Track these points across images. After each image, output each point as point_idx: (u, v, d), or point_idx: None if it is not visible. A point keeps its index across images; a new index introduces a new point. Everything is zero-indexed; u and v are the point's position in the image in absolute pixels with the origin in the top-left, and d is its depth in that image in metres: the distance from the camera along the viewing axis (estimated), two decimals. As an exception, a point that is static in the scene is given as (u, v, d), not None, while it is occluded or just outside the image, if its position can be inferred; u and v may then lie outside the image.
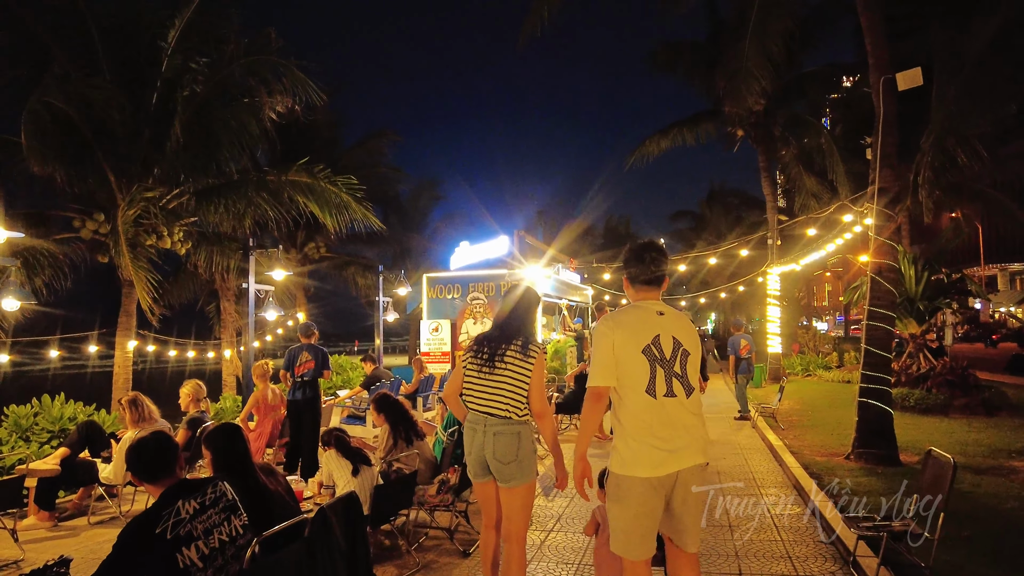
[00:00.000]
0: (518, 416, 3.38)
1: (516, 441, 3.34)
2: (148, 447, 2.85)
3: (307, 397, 7.29)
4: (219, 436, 3.24)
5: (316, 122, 15.06)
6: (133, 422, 5.81)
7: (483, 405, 3.42)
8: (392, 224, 19.03)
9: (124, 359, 9.92)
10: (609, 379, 2.78)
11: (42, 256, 9.14)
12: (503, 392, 3.39)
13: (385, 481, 4.77)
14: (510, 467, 3.32)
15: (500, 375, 3.41)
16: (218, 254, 11.72)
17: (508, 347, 3.46)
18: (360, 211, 9.88)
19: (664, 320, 2.84)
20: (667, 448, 2.70)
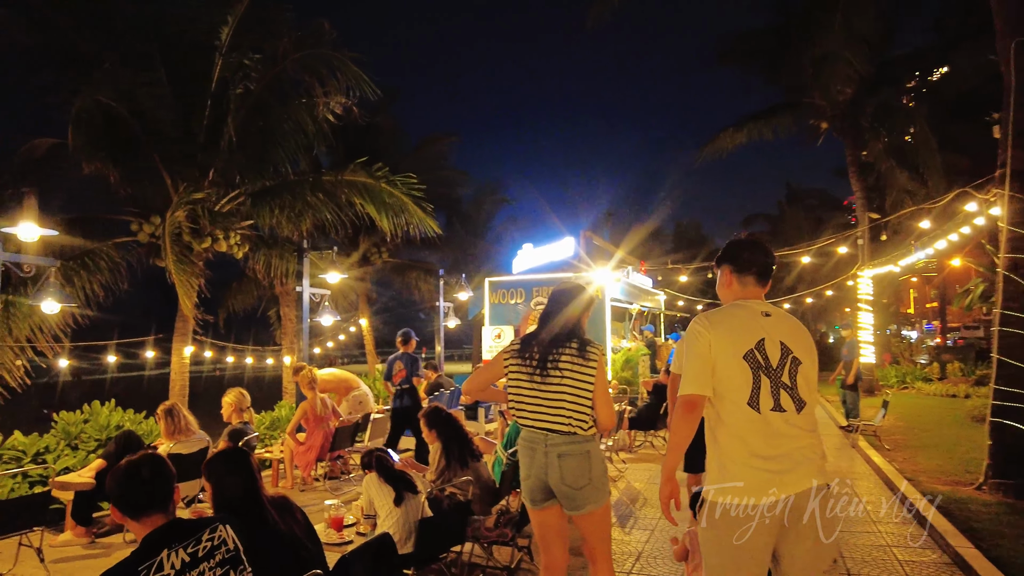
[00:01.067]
0: (584, 431, 2.90)
1: (587, 461, 2.88)
2: (133, 473, 2.27)
3: (406, 405, 7.56)
4: (221, 464, 2.65)
5: (376, 126, 14.74)
6: (169, 434, 5.38)
7: (540, 420, 2.92)
8: (455, 228, 18.56)
9: (180, 365, 9.71)
10: (706, 387, 2.37)
11: (101, 259, 9.02)
12: (564, 403, 2.90)
13: (434, 511, 4.11)
14: (584, 492, 2.87)
15: (557, 383, 2.92)
16: (276, 258, 11.43)
17: (563, 349, 2.95)
18: (417, 213, 9.35)
19: (770, 322, 2.42)
20: (773, 470, 2.29)
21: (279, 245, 11.00)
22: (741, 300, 2.51)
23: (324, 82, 9.45)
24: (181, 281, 7.42)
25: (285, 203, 9.47)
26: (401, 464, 4.95)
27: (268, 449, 7.81)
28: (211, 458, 2.70)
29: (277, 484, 7.37)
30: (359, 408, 8.35)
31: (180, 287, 7.47)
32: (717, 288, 2.69)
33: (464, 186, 18.69)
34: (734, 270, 2.53)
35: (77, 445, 6.64)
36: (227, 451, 2.73)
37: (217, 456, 2.70)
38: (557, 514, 3.00)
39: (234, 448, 2.76)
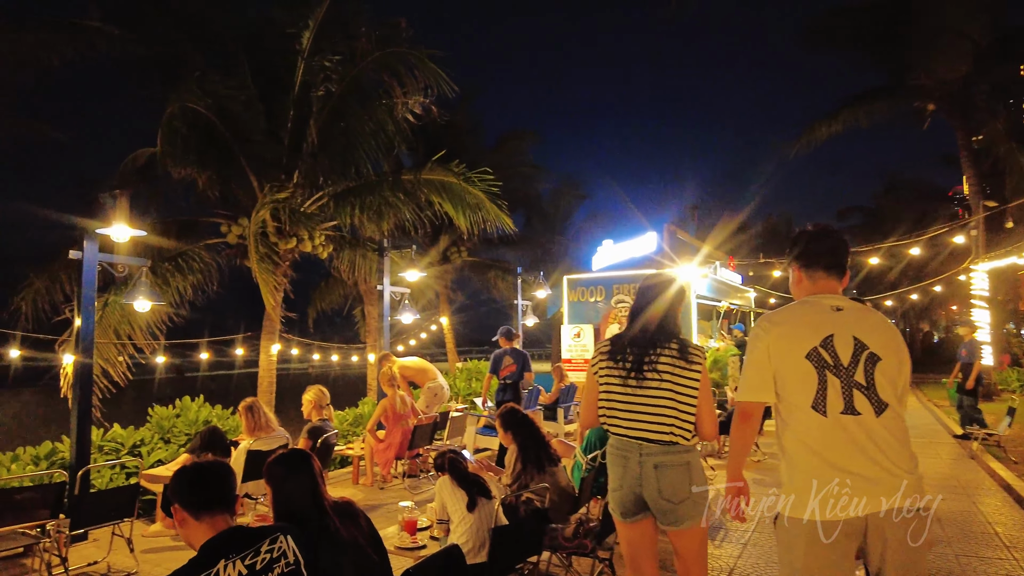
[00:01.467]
0: (686, 440, 2.68)
1: (687, 473, 2.65)
2: (200, 470, 2.19)
3: (508, 399, 7.92)
4: (281, 467, 2.54)
5: (455, 124, 14.75)
6: (249, 430, 5.44)
7: (634, 428, 2.71)
8: (533, 226, 18.38)
9: (268, 362, 9.98)
10: (761, 393, 2.23)
11: (193, 261, 9.39)
12: (663, 410, 2.67)
13: (510, 519, 3.90)
14: (683, 506, 2.64)
15: (655, 388, 2.69)
16: (360, 258, 11.61)
17: (661, 351, 2.71)
18: (493, 210, 9.21)
19: (842, 317, 2.20)
20: (848, 483, 2.05)
21: (361, 245, 11.15)
22: (810, 296, 2.31)
23: (402, 81, 9.47)
24: (264, 280, 7.59)
25: (366, 203, 9.55)
26: (476, 466, 4.79)
27: (349, 446, 7.87)
28: (272, 460, 2.59)
29: (357, 481, 7.41)
30: (435, 401, 8.28)
31: (263, 286, 7.64)
32: (790, 287, 2.46)
33: (542, 182, 18.48)
34: (801, 265, 2.36)
35: (169, 439, 6.89)
36: (288, 453, 2.62)
37: (278, 459, 2.59)
38: (649, 529, 2.78)
39: (296, 450, 2.65)
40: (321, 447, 5.91)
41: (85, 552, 5.10)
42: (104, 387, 8.38)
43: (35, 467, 5.81)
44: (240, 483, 5.27)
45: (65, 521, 4.39)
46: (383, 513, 6.16)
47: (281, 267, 10.10)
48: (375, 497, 6.81)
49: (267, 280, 7.61)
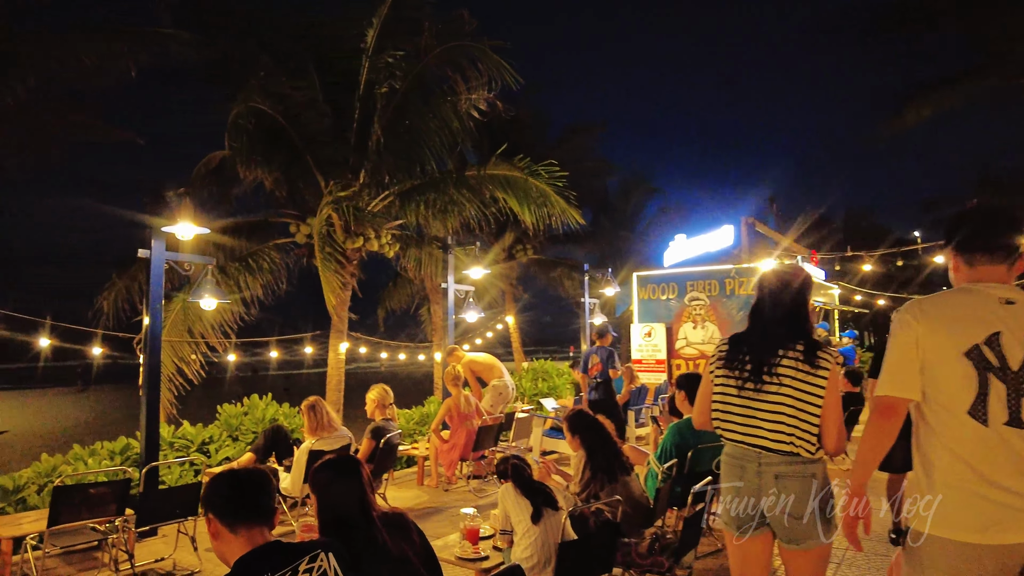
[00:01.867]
0: (810, 452, 2.43)
1: (811, 486, 2.42)
2: (238, 478, 2.01)
3: (600, 397, 8.06)
4: (327, 473, 2.33)
5: (520, 119, 14.50)
6: (311, 430, 5.35)
7: (752, 436, 2.50)
8: (600, 222, 17.91)
9: (336, 361, 10.02)
10: (909, 388, 1.97)
11: (263, 260, 9.52)
12: (783, 418, 2.45)
13: (578, 532, 3.59)
14: (806, 523, 2.41)
15: (775, 394, 2.47)
16: (426, 256, 11.55)
17: (784, 352, 2.46)
18: (560, 203, 8.90)
19: (1012, 312, 1.90)
20: (1014, 505, 1.80)
21: (427, 243, 11.08)
22: (972, 283, 2.01)
23: (466, 75, 9.30)
24: (327, 278, 7.55)
25: (430, 201, 9.44)
26: (542, 470, 4.50)
27: (414, 446, 7.74)
28: (317, 466, 2.39)
29: (422, 482, 7.27)
30: (500, 400, 8.04)
31: (325, 284, 7.61)
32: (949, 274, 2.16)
33: (610, 175, 17.97)
34: (957, 249, 2.07)
35: (237, 436, 6.93)
36: (336, 458, 2.41)
37: (324, 464, 2.38)
38: (764, 546, 2.54)
39: (344, 456, 2.44)
40: (384, 447, 5.77)
41: (153, 548, 5.12)
42: (179, 385, 8.58)
43: (110, 462, 5.92)
44: (302, 483, 5.18)
45: (132, 517, 4.39)
46: (446, 517, 5.97)
47: (348, 266, 10.12)
48: (439, 499, 6.63)
49: (330, 278, 7.58)
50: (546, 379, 11.69)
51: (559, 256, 17.02)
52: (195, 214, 5.38)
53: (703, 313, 11.91)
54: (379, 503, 2.40)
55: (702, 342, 11.98)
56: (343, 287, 10.15)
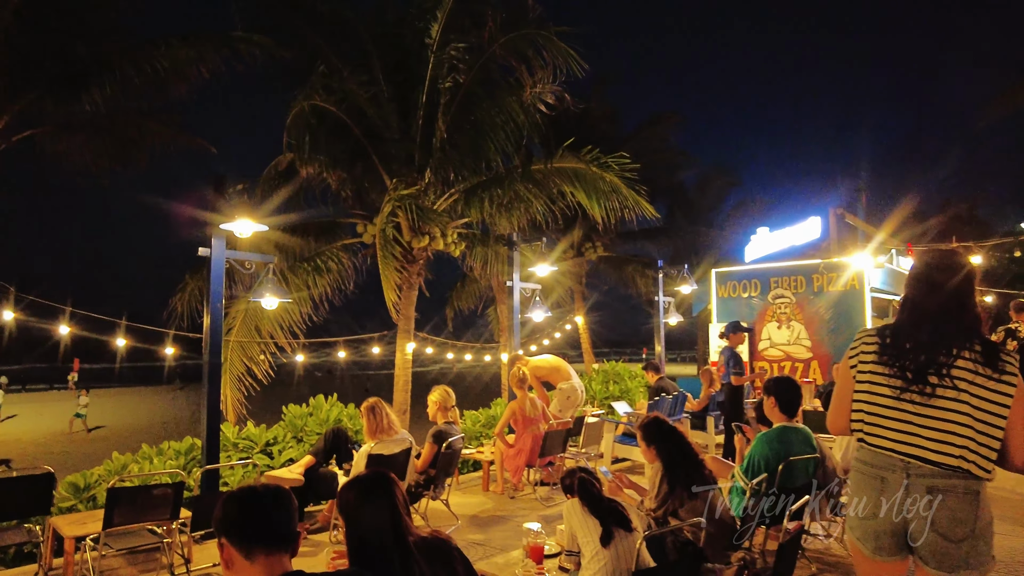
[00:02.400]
0: (984, 470, 2.08)
1: (972, 506, 2.09)
2: (253, 496, 1.73)
3: (720, 401, 8.16)
4: (356, 493, 2.02)
5: (590, 112, 14.07)
6: (371, 432, 5.12)
7: (907, 445, 2.16)
8: (676, 217, 17.20)
9: (403, 361, 9.89)
10: None
11: (331, 261, 9.49)
12: (957, 428, 2.10)
13: (656, 556, 3.17)
14: (962, 547, 2.07)
15: (950, 400, 2.11)
16: (492, 255, 11.29)
17: (958, 353, 2.09)
18: (631, 196, 8.42)
19: None
20: None
21: (494, 241, 10.82)
22: None
23: (531, 65, 8.98)
24: (386, 277, 7.37)
25: (495, 196, 9.17)
26: (613, 483, 4.09)
27: (480, 449, 7.45)
28: (345, 485, 2.09)
29: (487, 488, 6.97)
30: (568, 404, 7.64)
31: (385, 283, 7.44)
32: None
33: (687, 168, 17.19)
34: None
35: (301, 437, 6.82)
36: (365, 476, 2.10)
37: (351, 483, 2.07)
38: (902, 572, 2.25)
39: (376, 472, 2.12)
40: (447, 451, 5.49)
41: (212, 551, 5.01)
42: (248, 385, 8.63)
43: (174, 462, 5.91)
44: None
45: (187, 519, 4.27)
46: (512, 526, 5.63)
47: (415, 265, 9.98)
48: (504, 507, 6.31)
49: (390, 277, 7.40)
50: (618, 382, 11.18)
51: (631, 253, 16.43)
52: (253, 211, 5.26)
53: (788, 312, 11.11)
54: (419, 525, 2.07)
55: (787, 343, 11.18)
56: (409, 287, 10.03)
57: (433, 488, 5.47)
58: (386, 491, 2.00)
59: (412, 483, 5.41)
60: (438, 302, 15.11)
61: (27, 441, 22.23)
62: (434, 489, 5.48)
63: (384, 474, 2.08)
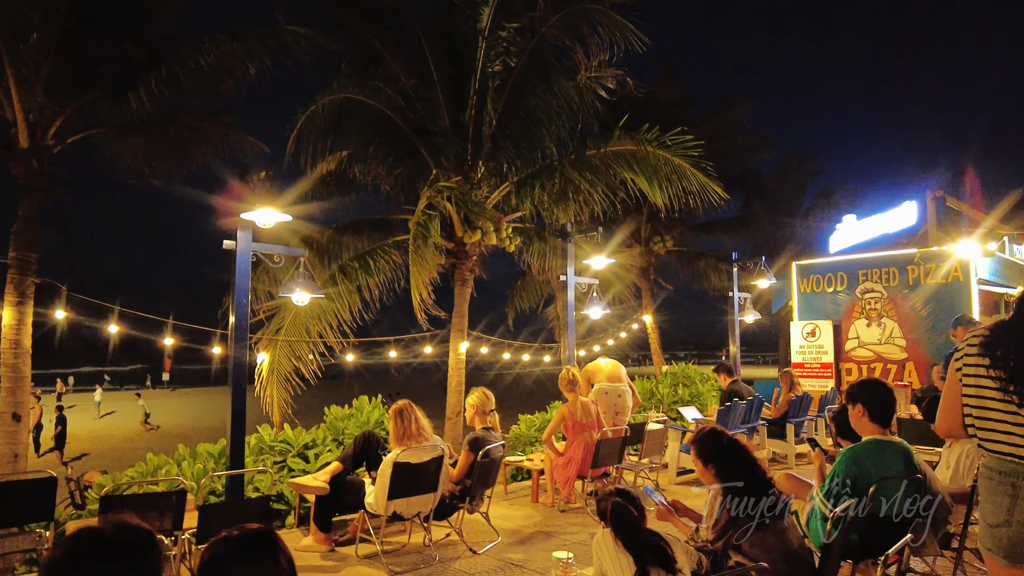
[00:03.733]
0: None
1: None
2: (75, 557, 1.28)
3: None
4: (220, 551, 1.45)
5: (656, 98, 13.24)
6: (397, 439, 4.67)
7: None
8: (753, 207, 16.04)
9: (457, 361, 9.48)
10: None
11: (380, 259, 9.19)
12: None
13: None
14: None
15: None
16: (550, 251, 10.73)
17: None
18: (696, 177, 7.67)
19: None
20: None
21: (549, 235, 10.26)
22: None
23: (587, 44, 8.37)
24: (414, 273, 6.92)
25: (547, 185, 8.61)
26: (663, 510, 3.45)
27: (529, 457, 6.91)
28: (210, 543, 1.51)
29: (537, 499, 6.41)
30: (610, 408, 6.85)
31: (413, 279, 6.99)
32: None
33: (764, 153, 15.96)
34: None
35: (342, 440, 6.49)
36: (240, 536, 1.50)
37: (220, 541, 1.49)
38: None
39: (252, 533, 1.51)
40: (484, 460, 4.98)
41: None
42: (295, 384, 8.43)
43: (210, 464, 5.67)
44: (386, 501, 4.51)
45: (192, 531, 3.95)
46: (556, 545, 5.06)
47: (468, 261, 9.56)
48: (552, 521, 5.74)
49: (419, 274, 6.95)
50: (688, 385, 10.37)
51: (705, 247, 15.44)
52: (275, 199, 4.93)
53: (879, 307, 9.98)
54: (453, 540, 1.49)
55: (878, 342, 10.05)
56: (463, 283, 9.61)
57: (469, 500, 4.97)
58: (263, 556, 1.44)
59: (446, 494, 4.94)
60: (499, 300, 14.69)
61: (119, 436, 23.46)
62: (470, 501, 4.97)
63: (268, 534, 1.48)
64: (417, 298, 6.95)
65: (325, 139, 8.14)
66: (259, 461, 6.01)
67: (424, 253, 6.95)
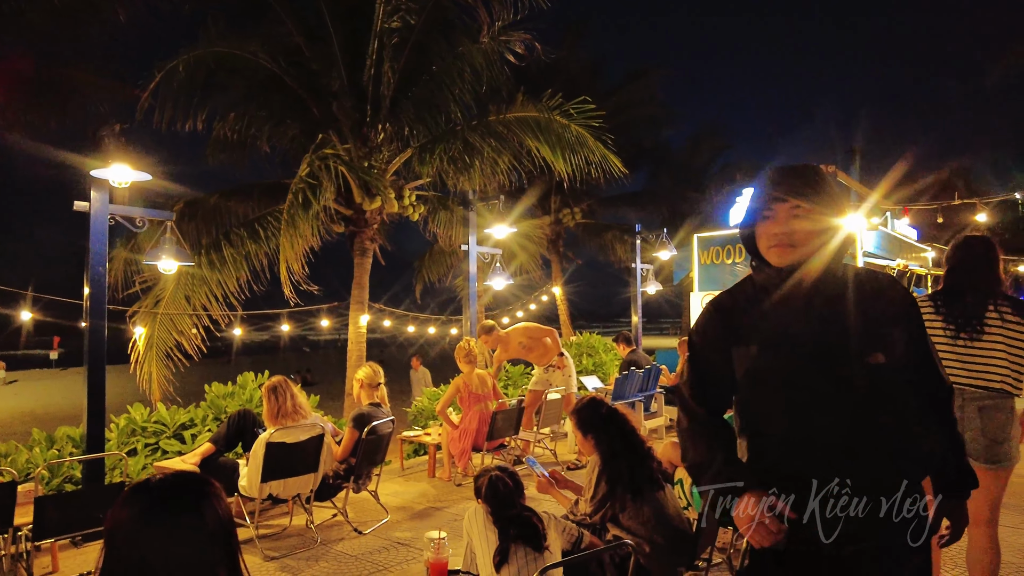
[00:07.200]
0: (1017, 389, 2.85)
1: (1011, 417, 2.84)
2: None
3: None
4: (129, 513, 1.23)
5: (564, 65, 13.03)
6: (271, 417, 4.34)
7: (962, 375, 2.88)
8: (662, 180, 16.27)
9: (357, 334, 9.12)
10: None
11: (271, 226, 8.62)
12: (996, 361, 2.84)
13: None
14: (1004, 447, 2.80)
15: (988, 342, 2.83)
16: (456, 220, 10.44)
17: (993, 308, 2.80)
18: (598, 149, 7.58)
19: None
20: None
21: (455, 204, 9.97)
22: None
23: (489, 3, 8.06)
24: (284, 244, 6.48)
25: (450, 151, 8.31)
26: (545, 482, 3.33)
27: (427, 431, 6.71)
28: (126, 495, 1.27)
29: (433, 474, 6.24)
30: None
31: (282, 250, 6.54)
32: None
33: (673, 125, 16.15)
34: None
35: (223, 420, 6.06)
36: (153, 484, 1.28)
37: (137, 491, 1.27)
38: None
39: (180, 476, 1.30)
40: (370, 437, 4.73)
41: (77, 560, 4.25)
42: (178, 361, 7.84)
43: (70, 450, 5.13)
44: (259, 483, 4.20)
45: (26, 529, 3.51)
46: (448, 519, 4.91)
47: (369, 230, 9.16)
48: (447, 496, 5.58)
49: (289, 244, 6.52)
50: (592, 355, 10.44)
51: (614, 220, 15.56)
52: (129, 154, 4.40)
53: (774, 278, 10.34)
54: None
55: (773, 312, 10.43)
56: (362, 253, 9.21)
57: (355, 479, 4.72)
58: (197, 509, 1.22)
59: (330, 473, 4.66)
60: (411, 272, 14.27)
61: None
62: (356, 480, 4.72)
63: (202, 480, 1.28)
64: (285, 271, 6.50)
65: (191, 97, 7.43)
66: (129, 444, 5.52)
67: (299, 222, 6.48)
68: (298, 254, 6.55)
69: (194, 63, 7.13)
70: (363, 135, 8.89)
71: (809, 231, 1.57)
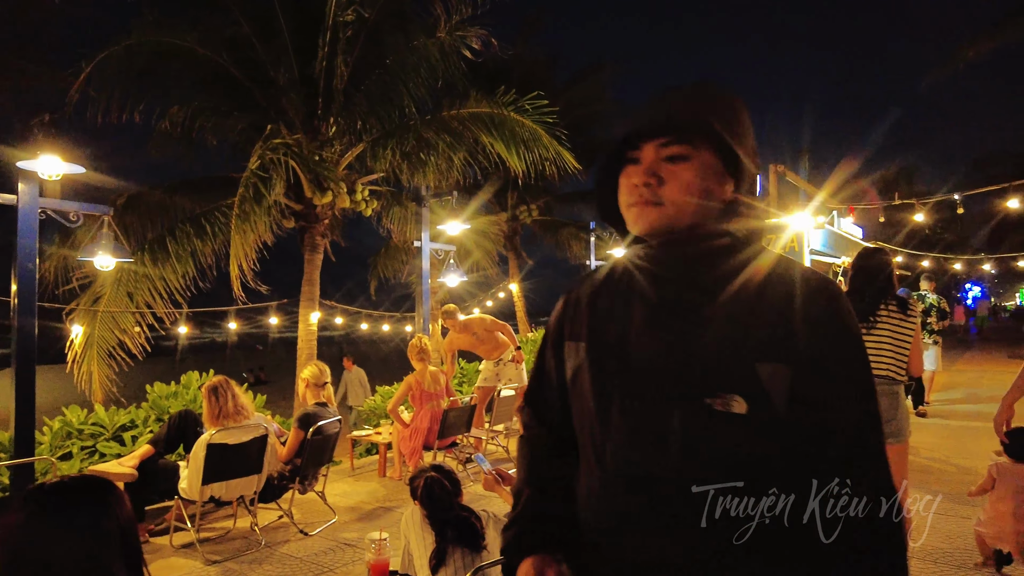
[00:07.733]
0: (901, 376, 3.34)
1: (898, 399, 3.30)
2: None
3: None
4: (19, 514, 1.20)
5: (521, 60, 13.00)
6: (212, 418, 4.23)
7: None
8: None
9: (307, 332, 8.94)
10: None
11: (218, 222, 8.39)
12: (884, 351, 3.32)
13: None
14: (891, 426, 3.24)
15: (879, 333, 3.34)
16: (410, 216, 10.34)
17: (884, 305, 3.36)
18: (552, 146, 7.59)
19: None
20: None
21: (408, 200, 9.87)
22: None
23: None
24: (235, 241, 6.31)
25: (407, 147, 8.22)
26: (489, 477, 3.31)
27: (377, 431, 6.64)
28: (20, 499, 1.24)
29: (384, 473, 6.18)
30: None
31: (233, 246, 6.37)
32: None
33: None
34: None
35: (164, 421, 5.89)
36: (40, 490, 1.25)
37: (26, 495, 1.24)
38: None
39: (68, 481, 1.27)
40: (316, 438, 4.65)
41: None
42: (120, 359, 7.57)
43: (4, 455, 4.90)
44: (200, 486, 4.08)
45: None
46: (397, 519, 4.84)
47: (320, 225, 8.99)
48: (397, 495, 5.54)
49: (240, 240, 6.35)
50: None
51: (569, 217, 15.61)
52: (60, 145, 4.22)
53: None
54: None
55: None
56: (312, 249, 9.04)
57: (300, 480, 4.63)
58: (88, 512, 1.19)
59: (275, 474, 4.57)
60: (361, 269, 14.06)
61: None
62: (301, 481, 4.64)
63: (101, 481, 1.27)
64: (236, 268, 6.33)
65: (128, 88, 7.16)
66: (64, 448, 5.32)
67: (251, 216, 6.33)
68: (249, 250, 6.37)
69: (125, 53, 6.84)
70: (314, 127, 8.72)
71: (686, 183, 1.02)
